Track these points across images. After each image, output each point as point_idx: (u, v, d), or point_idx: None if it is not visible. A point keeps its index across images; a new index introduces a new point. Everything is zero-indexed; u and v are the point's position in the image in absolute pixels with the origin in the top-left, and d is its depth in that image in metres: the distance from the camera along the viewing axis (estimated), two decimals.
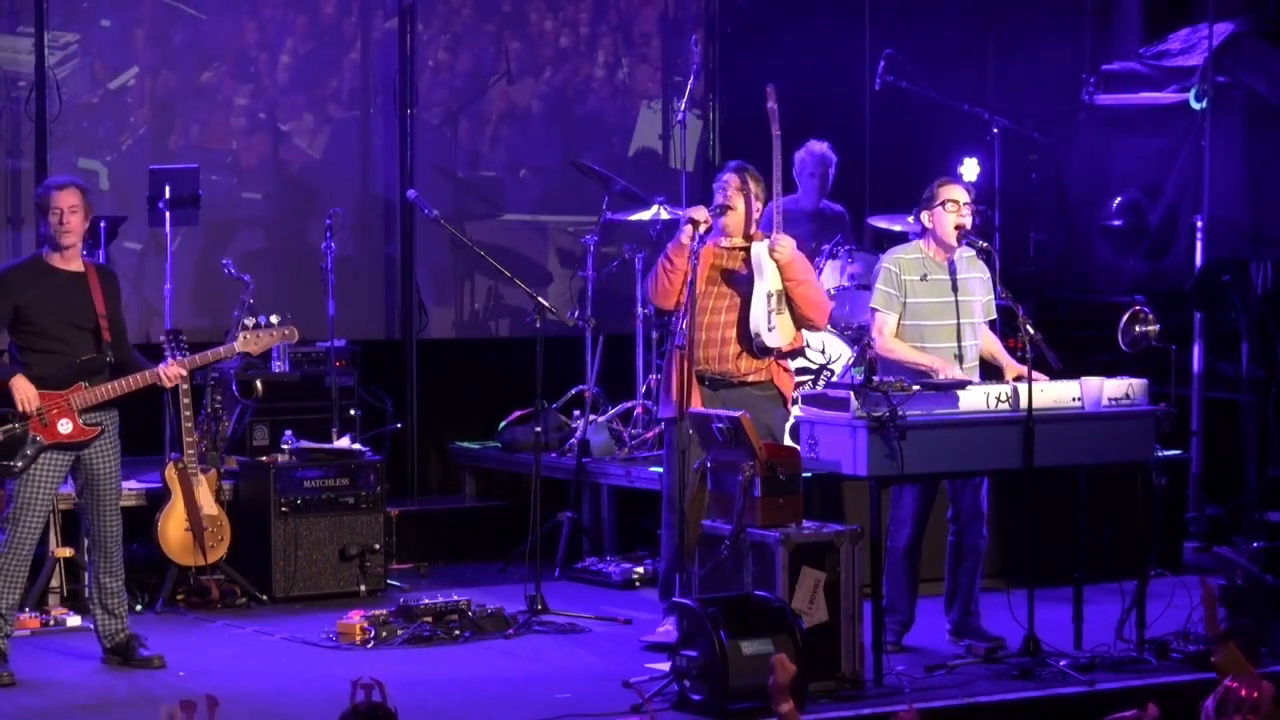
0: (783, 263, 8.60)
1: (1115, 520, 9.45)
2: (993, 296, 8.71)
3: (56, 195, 8.22)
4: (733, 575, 7.90)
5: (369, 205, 12.18)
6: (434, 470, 12.09)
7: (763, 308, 8.56)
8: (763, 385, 8.67)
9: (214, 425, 10.20)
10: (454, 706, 7.76)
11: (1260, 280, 11.24)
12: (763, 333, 8.57)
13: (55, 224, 8.21)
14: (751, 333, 8.57)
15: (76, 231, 8.25)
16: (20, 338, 8.23)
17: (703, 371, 8.59)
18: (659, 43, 12.99)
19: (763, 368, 8.66)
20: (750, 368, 8.64)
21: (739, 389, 8.63)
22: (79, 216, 8.24)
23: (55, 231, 8.22)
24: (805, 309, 8.67)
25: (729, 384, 8.60)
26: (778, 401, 8.74)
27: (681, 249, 8.57)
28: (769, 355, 8.66)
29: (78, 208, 8.23)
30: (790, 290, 8.61)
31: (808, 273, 8.74)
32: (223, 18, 11.78)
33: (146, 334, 11.04)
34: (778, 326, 8.61)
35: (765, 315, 8.56)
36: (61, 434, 8.18)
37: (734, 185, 8.70)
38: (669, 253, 8.64)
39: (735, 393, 8.61)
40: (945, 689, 7.84)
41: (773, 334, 8.60)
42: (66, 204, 8.21)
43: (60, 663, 8.55)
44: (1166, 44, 11.90)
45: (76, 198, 8.23)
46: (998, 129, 11.48)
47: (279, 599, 9.79)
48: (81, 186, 8.32)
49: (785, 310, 8.63)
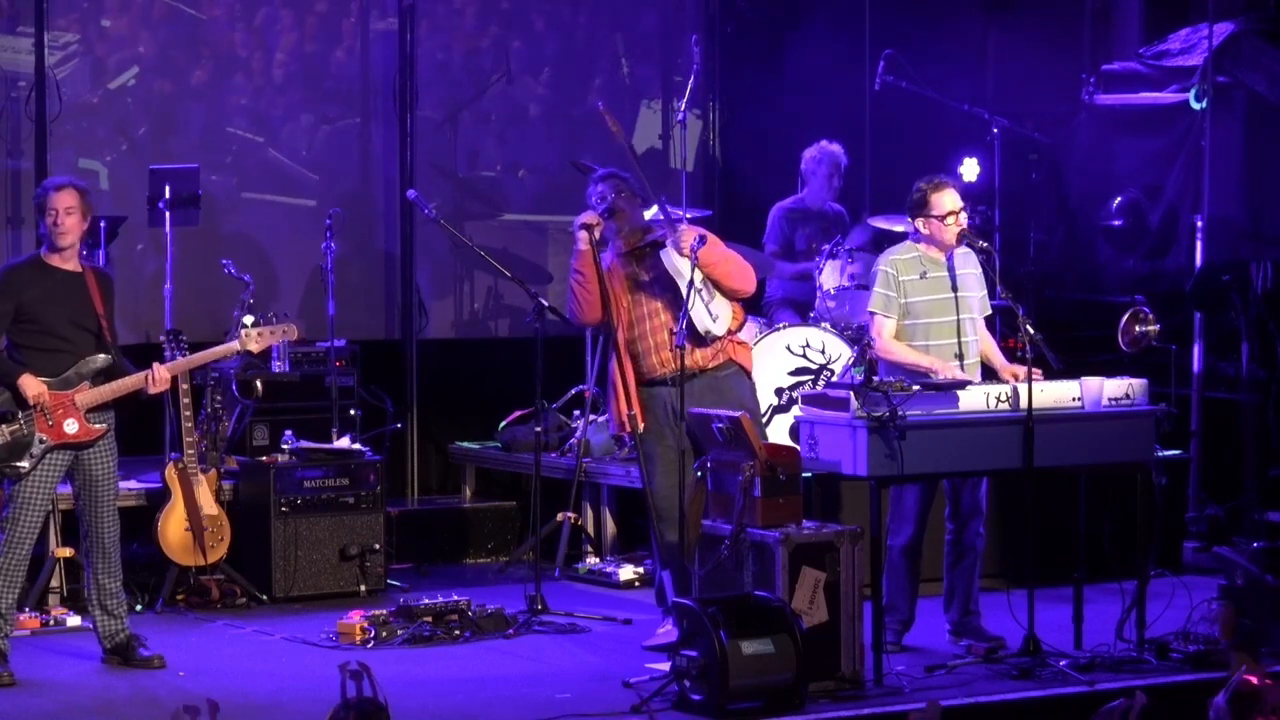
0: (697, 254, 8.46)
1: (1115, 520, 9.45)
2: (986, 292, 8.72)
3: (53, 196, 8.22)
4: (733, 575, 7.90)
5: (369, 205, 12.18)
6: (434, 470, 12.09)
7: (700, 305, 8.52)
8: (723, 366, 8.67)
9: (214, 425, 10.20)
10: (454, 706, 7.76)
11: (1260, 280, 11.24)
12: (710, 326, 8.56)
13: (51, 224, 8.20)
14: (701, 332, 8.54)
15: (73, 232, 8.23)
16: (22, 336, 8.22)
17: (662, 375, 8.58)
18: (659, 43, 12.99)
19: (719, 350, 8.66)
20: (707, 357, 8.63)
21: (703, 377, 8.61)
22: (75, 218, 8.23)
23: (51, 232, 8.22)
24: (730, 284, 8.59)
25: (691, 376, 8.56)
26: (742, 375, 8.75)
27: (584, 256, 8.59)
28: (720, 340, 8.66)
29: (74, 209, 8.22)
30: (710, 274, 8.55)
31: (715, 248, 8.59)
32: (223, 18, 11.79)
33: (146, 334, 11.04)
34: (720, 313, 8.60)
35: (705, 310, 8.54)
36: (68, 434, 8.18)
37: (612, 189, 8.70)
38: (575, 265, 8.64)
39: (701, 381, 8.58)
40: (945, 689, 7.84)
41: (718, 322, 8.59)
42: (63, 205, 8.20)
43: (60, 663, 8.55)
44: (1166, 44, 11.89)
45: (74, 199, 8.22)
46: (998, 129, 11.47)
47: (279, 599, 9.79)
48: (80, 188, 8.30)
49: (716, 293, 8.61)
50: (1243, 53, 11.43)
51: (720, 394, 8.51)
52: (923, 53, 11.81)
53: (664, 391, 8.56)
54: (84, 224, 8.30)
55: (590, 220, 8.61)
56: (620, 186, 8.73)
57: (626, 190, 8.73)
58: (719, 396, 8.48)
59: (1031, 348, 8.13)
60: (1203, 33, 11.43)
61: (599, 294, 8.61)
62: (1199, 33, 11.56)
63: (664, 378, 8.57)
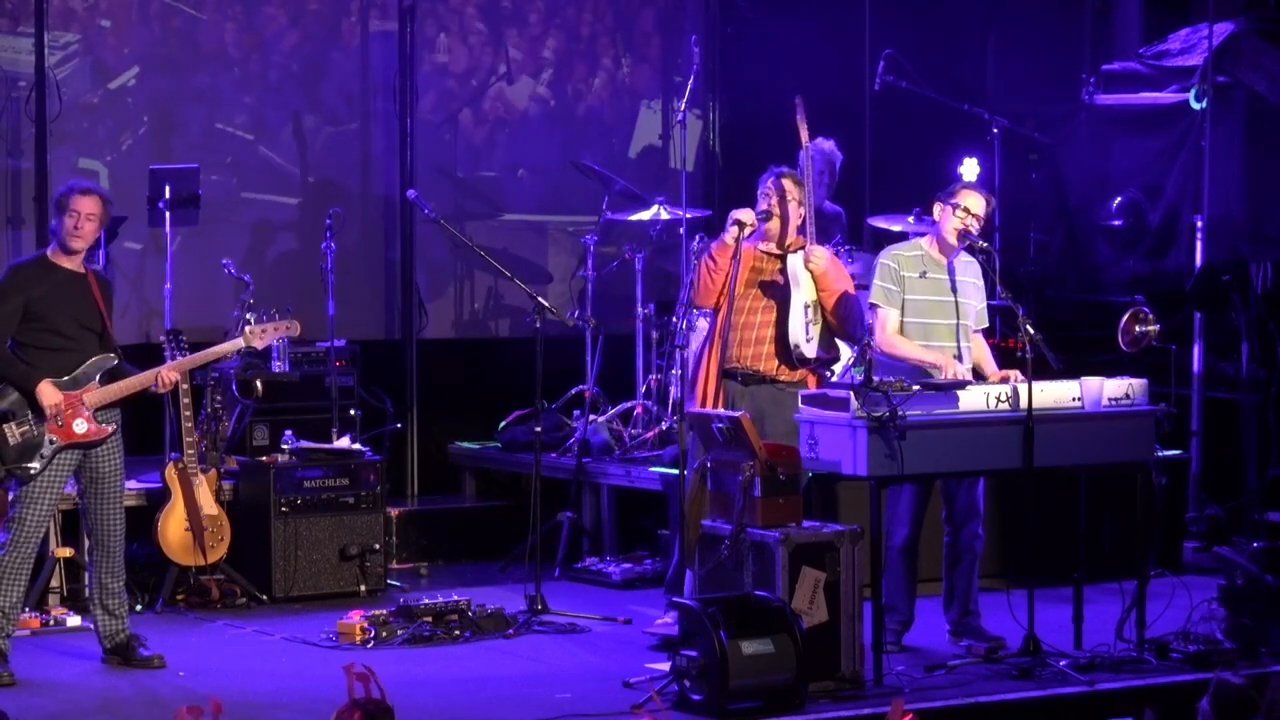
0: (817, 273, 8.62)
1: (1115, 520, 9.46)
2: (985, 305, 8.71)
3: (79, 199, 8.21)
4: (733, 575, 7.90)
5: (369, 205, 12.19)
6: (434, 470, 12.08)
7: (800, 319, 8.60)
8: (794, 384, 8.68)
9: (214, 425, 10.20)
10: (454, 706, 7.76)
11: (1260, 280, 11.24)
12: (801, 343, 8.62)
13: (70, 226, 8.19)
14: (791, 344, 8.61)
15: (88, 238, 8.26)
16: (28, 336, 8.20)
17: (735, 369, 8.64)
18: (659, 43, 12.99)
19: (798, 376, 8.68)
20: (784, 372, 8.67)
21: (771, 384, 8.65)
22: (94, 224, 8.24)
23: (67, 233, 8.20)
24: (838, 319, 8.69)
25: (760, 380, 8.62)
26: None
27: (726, 249, 8.62)
28: (806, 365, 8.68)
29: (95, 215, 8.22)
30: (824, 300, 8.64)
31: (841, 282, 8.73)
32: (223, 17, 11.79)
33: (146, 334, 11.05)
34: (815, 337, 8.65)
35: (803, 326, 8.61)
36: (77, 434, 8.18)
37: (777, 191, 8.72)
38: (713, 252, 8.67)
39: (767, 388, 8.63)
40: (945, 689, 7.84)
41: (810, 344, 8.65)
42: (85, 209, 8.20)
43: (60, 663, 8.55)
44: (1166, 44, 11.89)
45: (97, 206, 8.23)
46: (998, 129, 11.47)
47: (279, 599, 9.80)
48: (105, 196, 8.30)
49: (820, 320, 8.67)
50: (1243, 53, 11.42)
51: (780, 407, 8.50)
52: (923, 53, 11.81)
53: (732, 386, 8.62)
54: (99, 233, 8.35)
55: (745, 219, 8.61)
56: (789, 191, 8.70)
57: (795, 196, 8.71)
58: (778, 408, 8.50)
59: (1031, 348, 8.13)
60: (1203, 33, 11.43)
61: (724, 285, 8.63)
62: (1199, 33, 11.55)
63: (737, 371, 8.61)
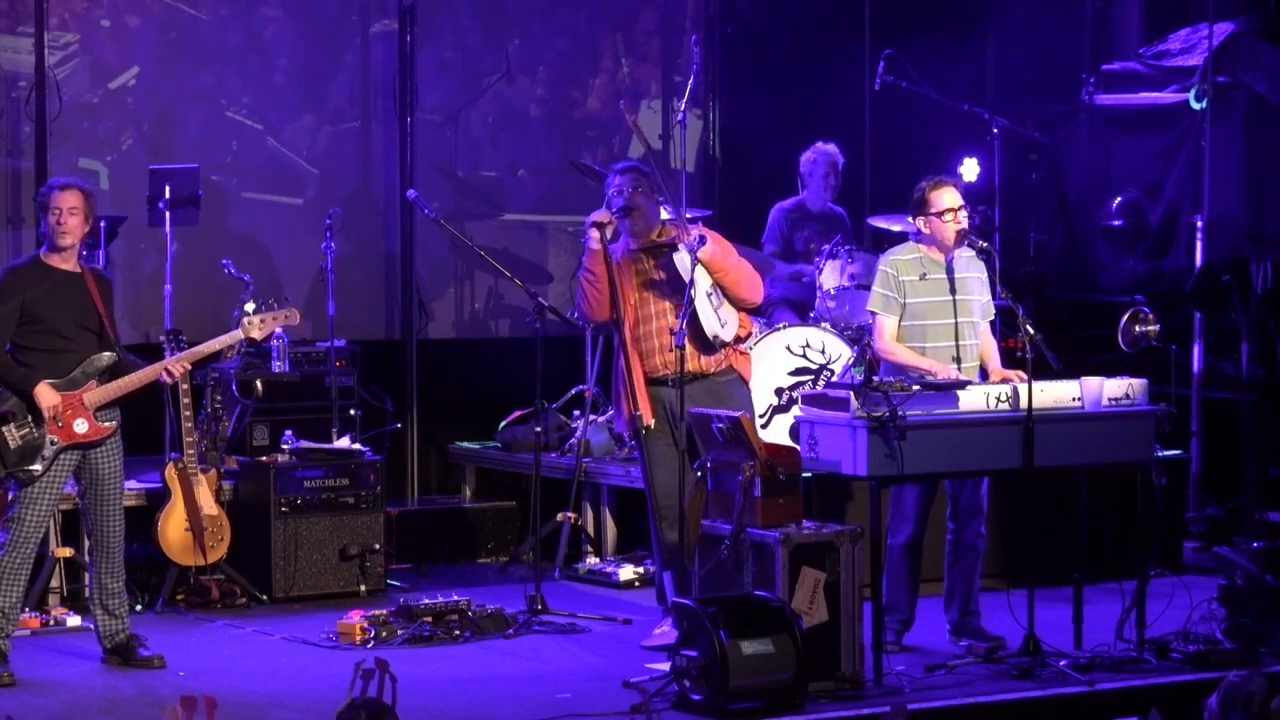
0: (706, 259, 8.50)
1: (1115, 520, 9.45)
2: (990, 297, 8.71)
3: (57, 195, 8.21)
4: (733, 575, 7.90)
5: (369, 205, 12.18)
6: (434, 470, 12.09)
7: (708, 309, 8.53)
8: (724, 373, 8.67)
9: (214, 425, 10.20)
10: (454, 706, 7.76)
11: (1260, 280, 11.25)
12: (718, 331, 8.56)
13: (53, 224, 8.20)
14: (709, 336, 8.54)
15: (74, 233, 8.23)
16: (26, 338, 8.21)
17: (663, 375, 8.57)
18: (659, 43, 12.98)
19: (721, 359, 8.66)
20: (710, 362, 8.63)
21: (704, 381, 8.61)
22: (78, 218, 8.22)
23: (53, 231, 8.21)
24: (738, 292, 8.61)
25: (691, 379, 8.55)
26: (741, 383, 8.76)
27: (596, 256, 8.55)
28: (726, 347, 8.65)
29: (77, 209, 8.21)
30: (720, 280, 8.57)
31: (729, 256, 8.61)
32: (222, 17, 11.78)
33: (146, 334, 11.04)
34: (728, 320, 8.61)
35: (714, 314, 8.55)
36: (78, 434, 8.18)
37: (627, 185, 8.63)
38: (585, 264, 8.61)
39: (700, 385, 8.58)
40: (945, 689, 7.85)
41: (726, 328, 8.60)
42: (66, 205, 8.20)
43: (61, 663, 8.55)
44: (1166, 44, 11.90)
45: (77, 199, 8.22)
46: (998, 129, 11.47)
47: (279, 599, 9.80)
48: (85, 189, 8.29)
49: (725, 300, 8.62)
50: (1243, 53, 11.43)
51: (719, 399, 8.51)
52: (923, 52, 11.81)
53: (665, 392, 8.56)
54: (86, 225, 8.30)
55: (602, 219, 8.56)
56: (639, 182, 8.63)
57: (645, 186, 8.65)
58: (717, 402, 8.47)
59: (1031, 348, 8.13)
60: (1203, 33, 11.43)
61: (609, 293, 8.58)
62: (1199, 33, 11.56)
63: (666, 378, 8.56)
